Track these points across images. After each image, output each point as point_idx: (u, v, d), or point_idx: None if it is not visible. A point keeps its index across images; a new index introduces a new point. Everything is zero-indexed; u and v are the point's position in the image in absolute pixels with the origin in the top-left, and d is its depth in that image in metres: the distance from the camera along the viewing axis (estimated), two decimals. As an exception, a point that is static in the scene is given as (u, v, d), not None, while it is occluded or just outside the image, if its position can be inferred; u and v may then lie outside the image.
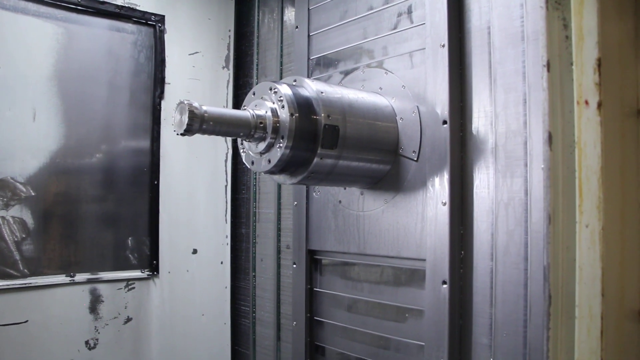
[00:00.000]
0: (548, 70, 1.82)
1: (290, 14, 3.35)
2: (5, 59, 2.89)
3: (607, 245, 1.77)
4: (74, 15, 3.12)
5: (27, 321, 2.90)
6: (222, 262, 3.63)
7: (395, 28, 2.52)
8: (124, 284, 3.24)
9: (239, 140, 2.32)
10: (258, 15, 3.62)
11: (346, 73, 2.77)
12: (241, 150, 2.33)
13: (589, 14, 1.78)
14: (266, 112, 2.15)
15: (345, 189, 2.69)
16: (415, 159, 2.35)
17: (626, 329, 1.90)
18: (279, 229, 3.32)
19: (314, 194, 2.88)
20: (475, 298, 2.15)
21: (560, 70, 1.83)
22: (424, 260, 2.27)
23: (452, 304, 2.16)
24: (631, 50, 1.93)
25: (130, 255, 3.30)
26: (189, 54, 3.53)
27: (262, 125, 2.13)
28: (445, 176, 2.19)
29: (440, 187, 2.21)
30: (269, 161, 2.17)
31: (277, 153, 2.13)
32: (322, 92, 2.22)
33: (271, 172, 2.25)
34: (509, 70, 2.06)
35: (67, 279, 3.05)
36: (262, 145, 2.17)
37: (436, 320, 2.20)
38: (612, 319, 1.80)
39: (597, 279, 1.76)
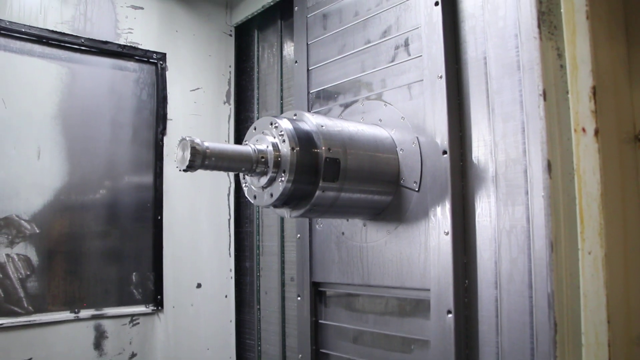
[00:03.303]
0: (544, 99, 1.85)
1: (289, 49, 3.41)
2: (11, 99, 2.94)
3: (610, 272, 1.77)
4: (77, 55, 3.18)
5: (31, 359, 2.88)
6: (226, 296, 3.62)
7: (393, 61, 2.55)
8: (129, 319, 3.23)
9: (241, 174, 2.33)
10: (258, 51, 3.68)
11: (346, 106, 2.80)
12: (243, 185, 2.34)
13: (582, 43, 1.81)
14: (267, 146, 2.16)
15: (347, 220, 2.69)
16: (417, 189, 2.36)
17: (634, 355, 1.89)
18: (282, 262, 3.32)
19: (317, 226, 2.89)
20: (480, 327, 2.13)
21: (556, 98, 1.85)
22: (429, 290, 2.26)
23: (458, 333, 2.15)
24: (625, 76, 1.96)
25: (134, 291, 3.30)
26: (191, 90, 3.58)
27: (263, 159, 2.15)
28: (447, 206, 2.19)
29: (442, 216, 2.21)
30: (271, 195, 2.18)
31: (279, 187, 2.14)
32: (322, 126, 2.24)
33: (274, 205, 2.25)
34: (506, 99, 2.07)
35: (71, 316, 3.04)
36: (264, 180, 2.18)
37: (442, 350, 2.18)
38: (619, 345, 1.79)
39: (602, 305, 1.76)
